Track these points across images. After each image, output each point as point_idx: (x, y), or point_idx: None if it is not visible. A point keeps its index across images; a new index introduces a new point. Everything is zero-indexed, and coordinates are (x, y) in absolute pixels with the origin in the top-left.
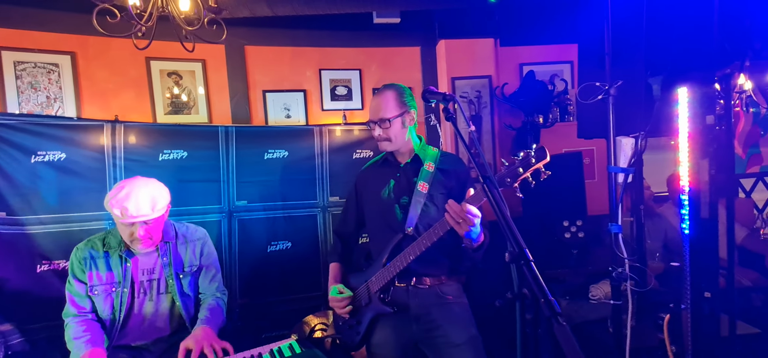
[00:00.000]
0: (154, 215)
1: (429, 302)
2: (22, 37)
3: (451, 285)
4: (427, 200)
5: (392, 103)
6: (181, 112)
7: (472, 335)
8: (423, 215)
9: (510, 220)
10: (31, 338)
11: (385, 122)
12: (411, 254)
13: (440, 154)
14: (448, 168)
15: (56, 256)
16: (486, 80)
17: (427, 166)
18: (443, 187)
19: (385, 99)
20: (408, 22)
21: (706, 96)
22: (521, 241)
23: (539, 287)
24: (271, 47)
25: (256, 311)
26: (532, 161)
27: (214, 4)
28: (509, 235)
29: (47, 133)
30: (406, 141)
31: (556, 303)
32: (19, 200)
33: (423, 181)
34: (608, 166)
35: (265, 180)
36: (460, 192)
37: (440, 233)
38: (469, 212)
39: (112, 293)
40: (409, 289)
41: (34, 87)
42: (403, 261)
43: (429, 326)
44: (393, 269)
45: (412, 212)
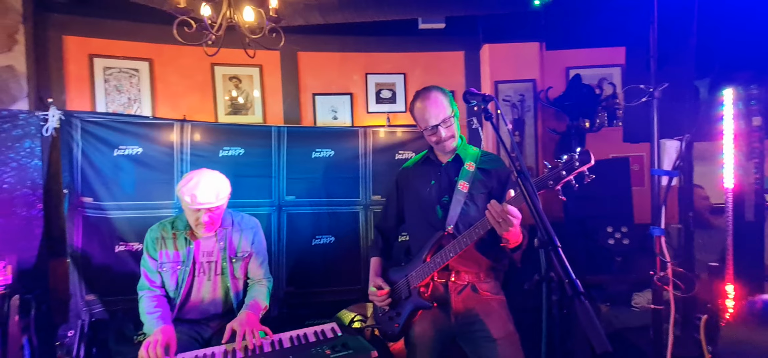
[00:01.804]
0: (217, 203)
1: (468, 298)
2: (111, 46)
3: (489, 282)
4: (467, 199)
5: (446, 101)
6: (240, 113)
7: (510, 331)
8: (463, 214)
9: (541, 212)
10: (110, 308)
11: (448, 121)
12: (451, 251)
13: (481, 154)
14: (489, 168)
15: (131, 238)
16: (530, 84)
17: (468, 166)
18: (484, 186)
19: (440, 100)
20: (452, 27)
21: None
22: (551, 229)
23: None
24: (322, 53)
25: (301, 300)
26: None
27: (274, 14)
28: (540, 224)
29: (127, 130)
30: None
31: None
32: (103, 187)
33: (463, 180)
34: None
35: (312, 177)
36: (501, 192)
37: (481, 232)
38: (510, 212)
39: (177, 270)
40: (448, 284)
41: (118, 89)
42: (443, 258)
43: (467, 321)
44: (433, 265)
45: (453, 211)
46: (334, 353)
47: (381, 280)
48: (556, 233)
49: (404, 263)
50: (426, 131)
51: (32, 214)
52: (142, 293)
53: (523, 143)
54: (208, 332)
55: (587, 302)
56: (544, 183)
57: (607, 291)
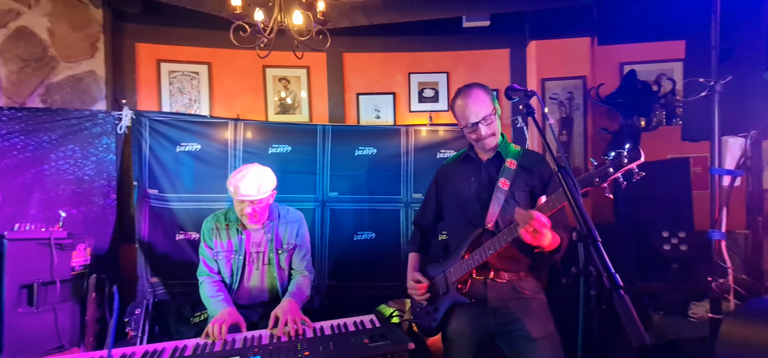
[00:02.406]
0: (258, 197)
1: (506, 296)
2: (175, 52)
3: (529, 281)
4: (508, 196)
5: (487, 99)
6: (288, 113)
7: (551, 332)
8: (503, 212)
9: (581, 205)
10: (171, 291)
11: (489, 118)
12: (490, 249)
13: (523, 152)
14: (530, 166)
15: (190, 228)
16: (579, 81)
17: (509, 163)
18: (525, 185)
19: (481, 97)
20: (497, 25)
21: None
22: (590, 223)
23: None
24: (366, 54)
25: (341, 293)
26: (623, 161)
27: (321, 17)
28: (580, 219)
29: (188, 128)
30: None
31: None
32: (166, 180)
33: (504, 178)
34: (711, 168)
35: (355, 174)
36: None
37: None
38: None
39: (231, 259)
40: (486, 282)
41: (181, 91)
42: (481, 256)
43: (506, 319)
44: (471, 262)
45: (492, 208)
46: (372, 342)
47: (419, 275)
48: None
49: (442, 259)
50: (466, 129)
51: (107, 203)
52: (202, 279)
53: (571, 143)
54: (255, 316)
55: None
56: (589, 180)
57: (661, 299)
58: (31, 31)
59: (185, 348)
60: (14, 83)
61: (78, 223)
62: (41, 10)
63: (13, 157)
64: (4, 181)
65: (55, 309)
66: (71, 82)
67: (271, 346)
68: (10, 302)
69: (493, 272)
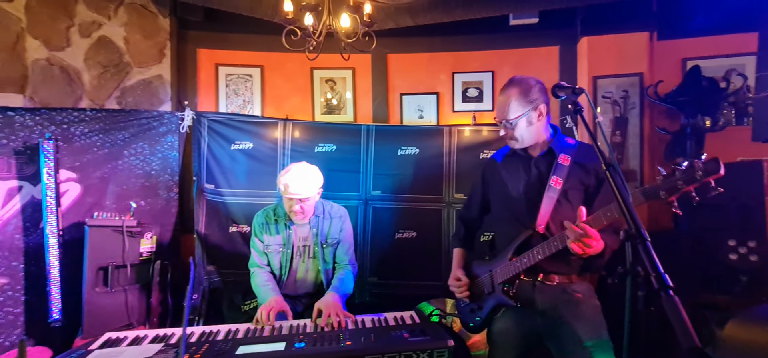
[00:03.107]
0: (306, 195)
1: (556, 299)
2: (232, 56)
3: (581, 284)
4: (560, 196)
5: (514, 104)
6: (333, 113)
7: (603, 338)
8: (555, 213)
9: (630, 204)
10: (224, 279)
11: (508, 124)
12: (539, 253)
13: (578, 146)
14: (586, 162)
15: (242, 221)
16: (636, 78)
17: (562, 159)
18: (580, 183)
19: (507, 99)
20: (546, 21)
21: None
22: (639, 222)
23: (652, 263)
24: (410, 54)
25: (382, 291)
26: (697, 175)
27: (368, 19)
28: (628, 217)
29: (242, 127)
30: (536, 136)
31: (667, 278)
32: (221, 176)
33: (556, 175)
34: None
35: (397, 174)
36: (598, 191)
37: (567, 242)
38: (589, 232)
39: (279, 252)
40: (535, 284)
41: (236, 93)
42: (530, 259)
43: (556, 322)
44: (519, 265)
45: (544, 209)
46: (412, 336)
47: (461, 271)
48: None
49: (488, 257)
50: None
51: (170, 196)
52: (253, 270)
53: (626, 144)
54: (300, 307)
55: (675, 297)
56: (654, 193)
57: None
58: (110, 40)
59: (237, 331)
60: (95, 87)
61: (145, 213)
62: (118, 21)
63: (93, 153)
64: (85, 174)
65: (125, 290)
66: (142, 86)
67: (315, 334)
68: (89, 281)
69: (542, 274)
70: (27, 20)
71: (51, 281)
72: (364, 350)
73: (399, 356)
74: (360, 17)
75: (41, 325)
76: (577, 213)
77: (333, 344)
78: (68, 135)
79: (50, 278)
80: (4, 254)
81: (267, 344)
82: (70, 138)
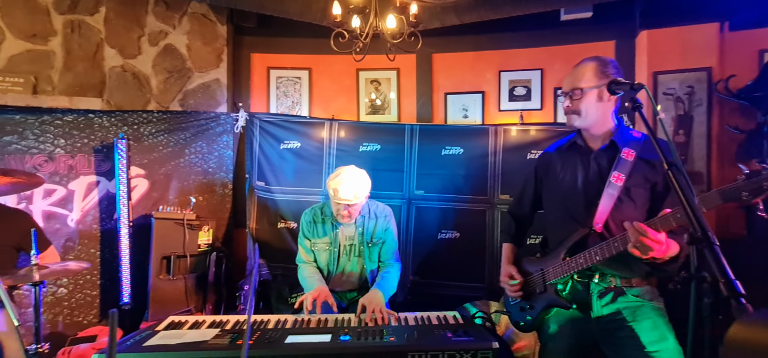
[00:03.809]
0: (354, 202)
1: (613, 302)
2: (282, 59)
3: (643, 286)
4: (622, 193)
5: (590, 73)
6: (377, 113)
7: (669, 344)
8: (616, 211)
9: (696, 207)
10: (273, 272)
11: (577, 92)
12: (597, 255)
13: (644, 141)
14: (654, 159)
15: (289, 218)
16: (703, 73)
17: (625, 154)
18: (645, 180)
19: (583, 68)
20: (601, 15)
21: None
22: (706, 225)
23: (721, 268)
24: (455, 53)
25: (424, 290)
26: None
27: (414, 20)
28: (693, 219)
29: (290, 127)
30: (601, 120)
31: (738, 284)
32: (271, 174)
33: (618, 171)
34: None
35: (441, 173)
36: (667, 190)
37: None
38: (653, 235)
39: (326, 250)
40: (590, 286)
41: (286, 94)
42: (586, 260)
43: (614, 327)
44: (573, 265)
45: (602, 206)
46: (455, 336)
47: (513, 269)
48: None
49: (540, 255)
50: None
51: (225, 192)
52: (301, 265)
53: (690, 144)
54: (345, 303)
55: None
56: (735, 194)
57: None
58: (174, 48)
59: (286, 321)
60: (162, 91)
61: (203, 208)
62: (182, 30)
63: (159, 151)
64: (152, 171)
65: (185, 278)
66: (201, 89)
67: (359, 329)
68: (154, 269)
69: (598, 275)
70: (105, 31)
71: (122, 268)
72: (407, 347)
73: (442, 355)
74: (406, 18)
75: (113, 306)
76: (639, 213)
77: (376, 339)
78: (138, 135)
79: (121, 265)
80: (84, 241)
81: (314, 335)
82: (140, 138)
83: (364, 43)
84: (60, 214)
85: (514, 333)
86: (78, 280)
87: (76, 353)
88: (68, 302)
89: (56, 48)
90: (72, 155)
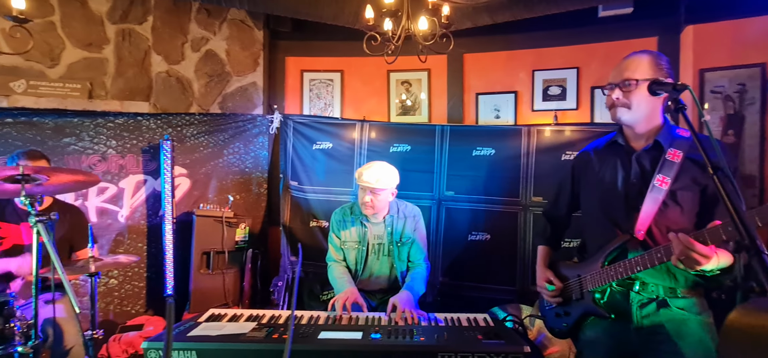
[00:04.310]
0: (376, 186)
1: (656, 314)
2: (315, 62)
3: (688, 299)
4: (667, 197)
5: (645, 65)
6: (408, 114)
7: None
8: (660, 217)
9: (742, 212)
10: (305, 269)
11: (630, 83)
12: (638, 264)
13: (692, 140)
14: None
15: (321, 217)
16: (757, 69)
17: (671, 155)
18: (693, 182)
19: (637, 60)
20: (643, 10)
21: None
22: (754, 232)
23: None
24: (487, 53)
25: (453, 292)
26: None
27: (446, 21)
28: (740, 226)
29: (322, 128)
30: (650, 117)
31: None
32: (304, 174)
33: (663, 173)
34: None
35: (472, 174)
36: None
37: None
38: (700, 249)
39: (355, 249)
40: (630, 295)
41: (318, 96)
42: (626, 270)
43: (655, 339)
44: (613, 273)
45: (645, 212)
46: (486, 339)
47: (551, 273)
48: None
49: (577, 259)
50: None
51: (260, 191)
52: (330, 263)
53: (742, 145)
54: (375, 302)
55: None
56: None
57: None
58: (214, 53)
59: (319, 317)
60: (203, 94)
61: (240, 206)
62: (222, 36)
63: (200, 152)
64: (193, 170)
65: (223, 273)
66: (239, 92)
67: (390, 328)
68: (195, 263)
69: (639, 284)
70: (153, 39)
71: (166, 262)
72: (436, 348)
73: (472, 357)
74: (438, 19)
75: (158, 298)
76: (687, 219)
77: (406, 338)
78: (181, 136)
79: (166, 259)
80: (132, 236)
81: (345, 332)
82: (183, 139)
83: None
84: (111, 210)
85: (547, 338)
86: (127, 272)
87: (126, 340)
88: (118, 293)
89: (109, 55)
90: (122, 155)
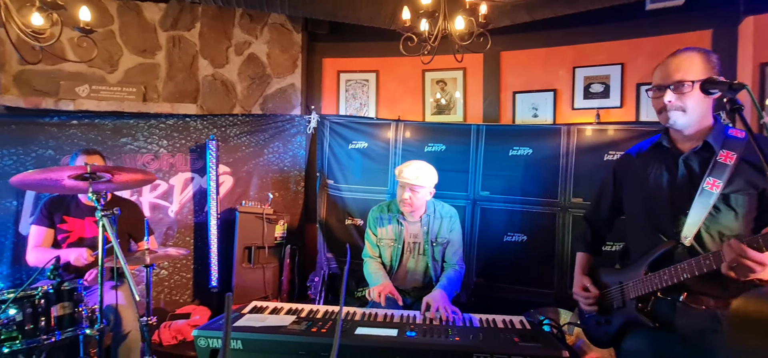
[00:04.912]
0: (414, 183)
1: (704, 326)
2: (351, 63)
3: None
4: (718, 201)
5: (698, 64)
6: (442, 113)
7: None
8: (711, 222)
9: None
10: (340, 266)
11: (684, 86)
12: (686, 272)
13: (748, 140)
14: (759, 161)
15: (356, 215)
16: None
17: (723, 157)
18: (749, 185)
19: (688, 58)
20: (695, 2)
21: None
22: None
23: None
24: (525, 51)
25: (488, 293)
26: None
27: (483, 20)
28: None
29: (358, 128)
30: (702, 118)
31: None
32: (340, 173)
33: (714, 177)
34: None
35: (508, 175)
36: None
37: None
38: (754, 256)
39: (391, 246)
40: (676, 305)
41: (354, 96)
42: (671, 277)
43: (701, 353)
44: (657, 281)
45: (693, 217)
46: (522, 341)
47: (588, 281)
48: None
49: (619, 266)
50: (651, 91)
51: (298, 189)
52: (366, 259)
53: None
54: (409, 300)
55: None
56: None
57: None
58: (256, 56)
59: (355, 313)
60: (245, 96)
61: (279, 203)
62: (263, 39)
63: (242, 151)
64: (236, 169)
65: (263, 268)
66: (279, 93)
67: (425, 326)
68: (238, 257)
69: (687, 293)
70: (200, 44)
71: (211, 255)
72: (472, 348)
73: None
74: (475, 18)
75: (203, 289)
76: (743, 224)
77: (442, 337)
78: (225, 136)
79: (211, 253)
80: (181, 230)
81: (381, 328)
82: (227, 139)
83: (433, 45)
84: (163, 206)
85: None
86: (176, 264)
87: (175, 327)
88: (168, 283)
89: (161, 61)
90: (172, 154)
